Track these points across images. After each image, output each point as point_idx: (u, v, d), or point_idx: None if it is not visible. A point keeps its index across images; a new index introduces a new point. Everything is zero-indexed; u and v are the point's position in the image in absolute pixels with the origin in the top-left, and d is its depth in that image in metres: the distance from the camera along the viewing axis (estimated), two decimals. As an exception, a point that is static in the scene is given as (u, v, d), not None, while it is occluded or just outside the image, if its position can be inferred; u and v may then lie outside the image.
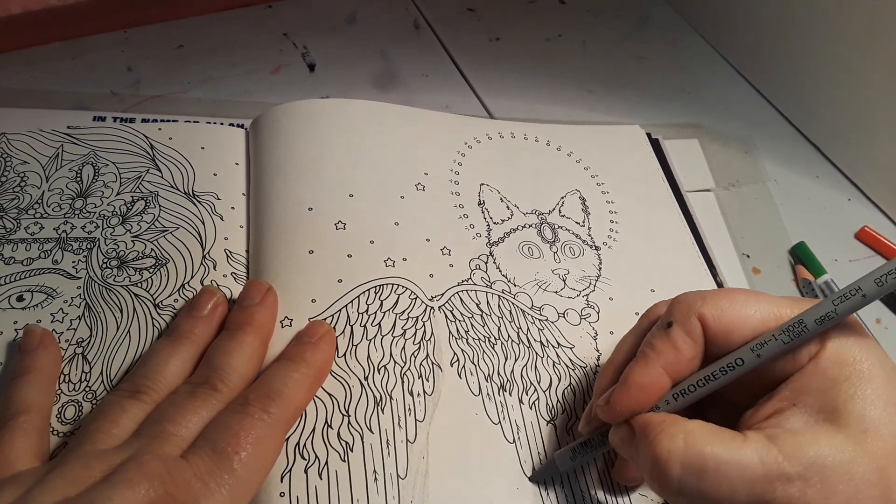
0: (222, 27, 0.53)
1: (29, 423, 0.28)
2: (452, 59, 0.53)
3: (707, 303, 0.27)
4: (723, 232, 0.44)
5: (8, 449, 0.27)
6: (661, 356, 0.27)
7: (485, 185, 0.41)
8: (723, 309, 0.26)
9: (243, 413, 0.28)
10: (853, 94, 0.47)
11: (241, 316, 0.32)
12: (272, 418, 0.28)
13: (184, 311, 0.33)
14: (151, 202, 0.38)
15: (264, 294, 0.33)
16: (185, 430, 0.27)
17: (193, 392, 0.29)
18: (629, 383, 0.27)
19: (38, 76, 0.47)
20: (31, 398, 0.29)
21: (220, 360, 0.30)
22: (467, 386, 0.33)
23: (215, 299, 0.33)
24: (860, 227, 0.46)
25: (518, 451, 0.32)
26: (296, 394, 0.30)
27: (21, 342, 0.32)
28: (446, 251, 0.38)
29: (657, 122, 0.50)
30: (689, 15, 0.60)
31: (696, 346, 0.27)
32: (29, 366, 0.30)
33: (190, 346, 0.31)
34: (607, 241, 0.40)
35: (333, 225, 0.37)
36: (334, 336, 0.33)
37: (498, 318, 0.36)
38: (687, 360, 0.27)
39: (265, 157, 0.40)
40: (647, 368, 0.27)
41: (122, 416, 0.28)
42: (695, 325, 0.27)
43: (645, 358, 0.27)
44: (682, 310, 0.27)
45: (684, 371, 0.27)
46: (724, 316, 0.26)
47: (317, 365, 0.31)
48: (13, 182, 0.37)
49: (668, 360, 0.27)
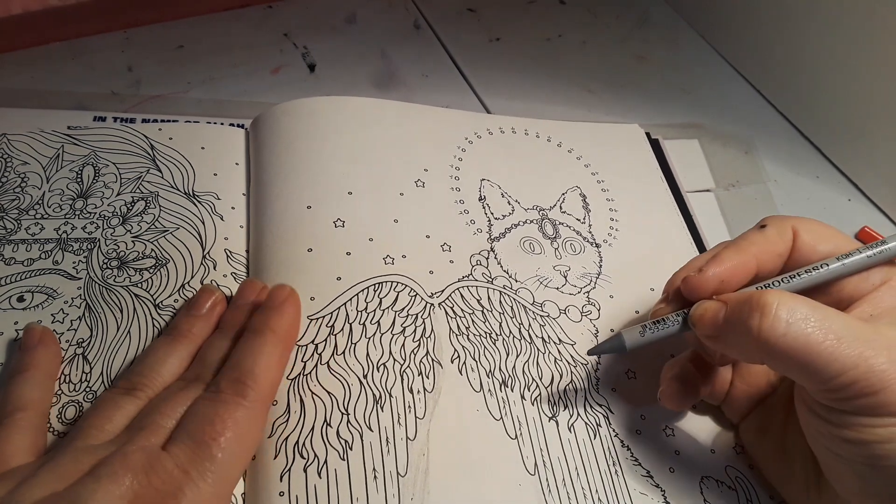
0: (222, 27, 0.53)
1: (26, 420, 0.28)
2: (452, 59, 0.53)
3: (802, 220, 0.30)
4: (723, 232, 0.44)
5: (4, 446, 0.27)
6: (754, 245, 0.29)
7: (485, 180, 0.41)
8: (814, 225, 0.30)
9: (217, 400, 0.28)
10: (853, 94, 0.47)
11: (234, 316, 0.32)
12: (248, 401, 0.28)
13: (183, 309, 0.33)
14: (152, 202, 0.38)
15: (258, 293, 0.33)
16: (172, 422, 0.28)
17: (184, 389, 0.29)
18: (723, 258, 0.29)
19: (39, 76, 0.47)
20: (29, 395, 0.29)
21: (211, 358, 0.30)
22: (468, 382, 0.33)
23: (214, 298, 0.33)
24: (860, 228, 0.46)
25: (520, 448, 0.32)
26: (267, 370, 0.29)
27: (21, 340, 0.32)
28: (446, 247, 0.38)
29: (657, 122, 0.50)
30: (689, 15, 0.60)
31: (785, 245, 0.29)
32: (28, 363, 0.30)
33: (188, 344, 0.31)
34: (607, 239, 0.40)
35: (332, 223, 0.37)
36: (298, 297, 0.33)
37: (499, 313, 0.36)
38: (777, 253, 0.29)
39: (265, 157, 0.40)
40: (739, 251, 0.29)
41: (116, 412, 0.28)
42: (787, 230, 0.30)
43: (737, 244, 0.30)
44: (778, 218, 0.30)
45: (772, 265, 0.29)
46: (815, 230, 0.30)
47: (283, 332, 0.31)
48: (14, 183, 0.37)
49: (760, 249, 0.29)
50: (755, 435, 0.33)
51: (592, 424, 0.33)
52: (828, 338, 0.25)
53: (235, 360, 0.30)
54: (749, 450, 0.33)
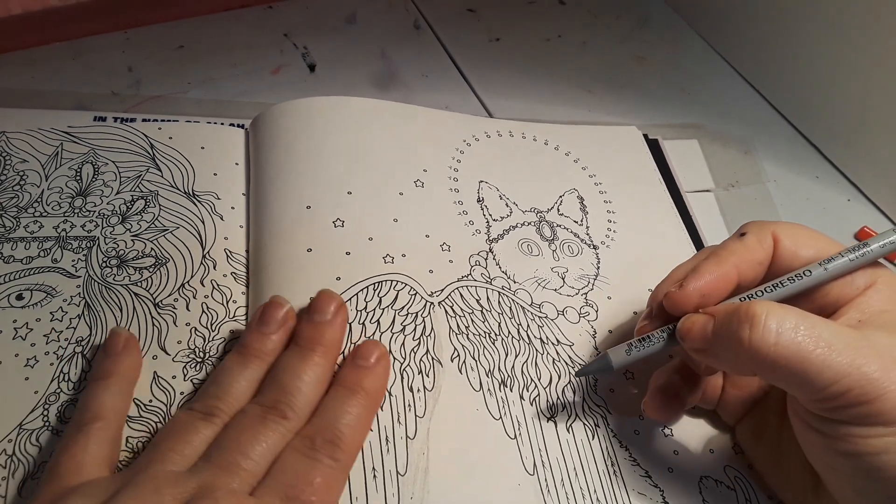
0: (223, 28, 0.53)
1: (104, 429, 0.28)
2: (452, 60, 0.53)
3: (782, 225, 0.29)
4: (723, 232, 0.44)
5: (81, 455, 0.27)
6: (734, 255, 0.29)
7: (484, 182, 0.41)
8: (794, 229, 0.29)
9: (313, 458, 0.27)
10: (853, 94, 0.47)
11: (312, 332, 0.31)
12: (339, 464, 0.28)
13: (253, 324, 0.32)
14: (151, 201, 0.38)
15: (336, 310, 0.32)
16: (254, 465, 0.27)
17: (263, 418, 0.28)
18: (703, 271, 0.29)
19: (39, 76, 0.47)
20: (110, 404, 0.29)
21: (288, 383, 0.29)
22: (468, 381, 0.33)
23: (284, 312, 0.32)
24: (860, 228, 0.46)
25: (519, 447, 0.32)
26: (359, 434, 0.29)
27: (104, 343, 0.31)
28: (446, 247, 0.38)
29: (657, 123, 0.50)
30: (689, 15, 0.60)
31: (765, 253, 0.29)
32: (110, 370, 0.30)
33: (259, 364, 0.30)
34: (605, 241, 0.40)
35: (332, 223, 0.37)
36: (389, 357, 0.32)
37: (498, 314, 0.36)
38: (757, 261, 0.29)
39: (264, 157, 0.40)
40: (719, 262, 0.29)
41: (195, 437, 0.28)
42: (767, 237, 0.29)
43: (718, 254, 0.29)
44: (757, 224, 0.30)
45: (753, 274, 0.29)
46: (796, 235, 0.29)
47: (375, 393, 0.31)
48: (13, 181, 0.37)
49: (740, 259, 0.29)
50: (751, 438, 0.33)
51: (591, 425, 0.33)
52: (819, 346, 0.24)
53: (330, 417, 0.29)
54: (747, 452, 0.33)
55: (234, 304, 0.35)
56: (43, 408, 0.31)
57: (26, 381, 0.31)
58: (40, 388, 0.31)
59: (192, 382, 0.32)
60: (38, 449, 0.30)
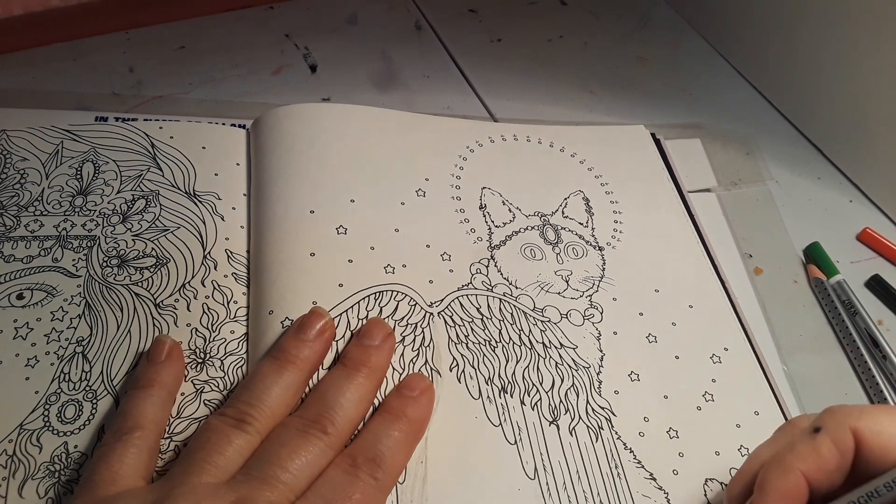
0: (224, 28, 0.53)
1: (143, 439, 0.28)
2: (454, 60, 0.53)
3: (865, 416, 0.24)
4: (725, 232, 0.44)
5: (118, 465, 0.27)
6: (801, 460, 0.24)
7: (486, 188, 0.41)
8: (883, 425, 0.24)
9: (355, 476, 0.27)
10: (854, 95, 0.47)
11: (359, 354, 0.31)
12: (378, 483, 0.28)
13: (291, 331, 0.32)
14: (152, 201, 0.37)
15: (385, 338, 0.32)
16: (293, 478, 0.27)
17: (304, 432, 0.28)
18: (767, 490, 0.24)
19: (40, 77, 0.47)
20: (150, 414, 0.29)
21: (331, 398, 0.30)
22: (467, 390, 0.33)
23: (323, 322, 0.32)
24: (862, 229, 0.45)
25: (519, 453, 0.32)
26: (400, 458, 0.29)
27: (149, 351, 0.31)
28: (446, 256, 0.37)
29: (658, 123, 0.50)
30: (690, 16, 0.60)
31: (842, 460, 0.24)
32: (153, 379, 0.30)
33: (295, 371, 0.30)
34: (611, 242, 0.40)
35: (335, 229, 0.37)
36: (434, 390, 0.32)
37: (499, 321, 0.36)
38: (829, 471, 0.24)
39: (266, 159, 0.40)
40: (784, 473, 0.24)
41: (228, 447, 0.28)
42: (846, 437, 0.24)
43: (782, 461, 0.25)
44: (836, 419, 0.25)
45: (823, 483, 0.25)
46: (885, 432, 0.24)
47: (417, 421, 0.31)
48: (13, 179, 0.37)
49: (809, 467, 0.24)
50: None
51: (594, 427, 0.33)
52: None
53: (372, 438, 0.29)
54: None
55: (235, 305, 0.35)
56: (43, 408, 0.31)
57: (27, 381, 0.31)
58: (41, 388, 0.31)
59: (193, 383, 0.32)
60: (39, 449, 0.29)
